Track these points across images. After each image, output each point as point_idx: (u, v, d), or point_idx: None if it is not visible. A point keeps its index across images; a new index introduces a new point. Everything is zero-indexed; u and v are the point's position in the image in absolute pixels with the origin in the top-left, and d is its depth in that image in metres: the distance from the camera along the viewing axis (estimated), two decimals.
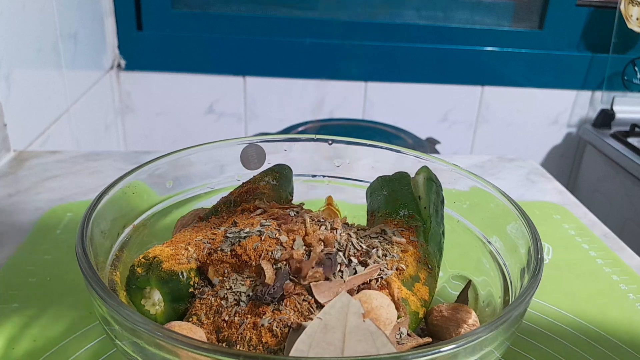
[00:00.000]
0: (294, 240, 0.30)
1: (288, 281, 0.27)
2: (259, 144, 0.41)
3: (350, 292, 0.27)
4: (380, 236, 0.33)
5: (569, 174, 1.43)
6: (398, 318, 0.28)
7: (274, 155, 0.41)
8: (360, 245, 0.31)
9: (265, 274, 0.28)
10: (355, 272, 0.29)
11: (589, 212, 0.58)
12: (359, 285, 0.28)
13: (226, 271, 0.29)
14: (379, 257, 0.30)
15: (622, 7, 1.22)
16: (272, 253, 0.29)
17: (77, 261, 0.26)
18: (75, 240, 0.27)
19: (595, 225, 0.55)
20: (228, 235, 0.31)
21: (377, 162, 0.41)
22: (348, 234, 0.32)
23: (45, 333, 0.36)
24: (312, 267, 0.28)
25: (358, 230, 0.33)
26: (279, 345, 0.25)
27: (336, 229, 0.31)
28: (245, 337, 0.26)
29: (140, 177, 0.35)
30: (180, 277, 0.29)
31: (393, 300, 0.28)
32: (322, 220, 0.33)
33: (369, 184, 0.41)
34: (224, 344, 0.26)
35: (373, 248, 0.31)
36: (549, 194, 0.62)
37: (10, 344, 0.35)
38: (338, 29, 1.25)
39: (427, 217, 0.36)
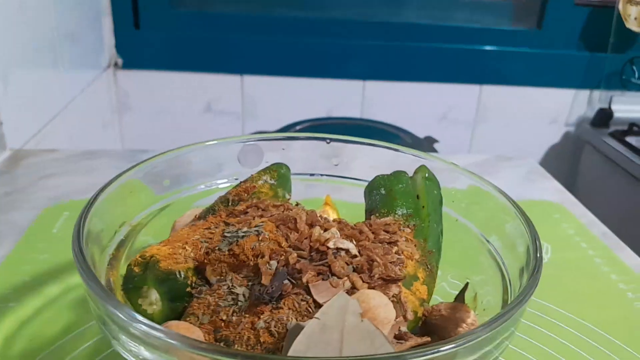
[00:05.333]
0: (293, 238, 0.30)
1: (286, 281, 0.27)
2: (256, 142, 0.40)
3: (349, 291, 0.27)
4: (381, 234, 0.33)
5: (568, 173, 1.43)
6: (397, 318, 0.27)
7: (272, 154, 0.41)
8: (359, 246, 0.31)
9: (262, 274, 0.27)
10: (354, 271, 0.29)
11: (588, 211, 0.58)
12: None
13: (224, 271, 0.29)
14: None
15: (620, 6, 1.22)
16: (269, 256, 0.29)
17: (73, 260, 0.26)
18: (71, 239, 0.27)
19: (594, 224, 0.55)
20: (226, 234, 0.31)
21: (376, 161, 0.41)
22: (347, 234, 0.31)
23: (42, 332, 0.35)
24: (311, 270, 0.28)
25: (356, 229, 0.33)
26: (277, 345, 0.25)
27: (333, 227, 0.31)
28: (243, 336, 0.26)
29: (138, 176, 0.35)
30: (178, 276, 0.29)
31: (399, 300, 0.28)
32: (320, 218, 0.32)
33: (367, 183, 0.41)
34: (221, 344, 0.26)
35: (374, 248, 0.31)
36: (548, 193, 0.62)
37: (7, 343, 0.34)
38: (336, 27, 1.25)
39: (426, 216, 0.36)
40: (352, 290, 0.27)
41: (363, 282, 0.28)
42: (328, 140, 0.41)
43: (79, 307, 0.38)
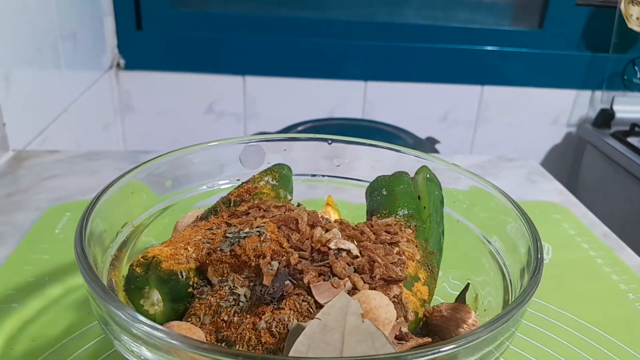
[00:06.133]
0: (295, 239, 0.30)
1: (287, 282, 0.27)
2: (258, 143, 0.40)
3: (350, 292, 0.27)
4: (382, 235, 0.33)
5: (569, 173, 1.43)
6: (398, 318, 0.27)
7: (274, 155, 0.41)
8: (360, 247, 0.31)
9: (264, 275, 0.28)
10: (355, 271, 0.29)
11: (589, 211, 0.58)
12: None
13: (225, 271, 0.29)
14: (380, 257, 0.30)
15: (622, 6, 1.22)
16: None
17: (75, 261, 0.26)
18: (74, 240, 0.27)
19: (595, 225, 0.55)
20: (227, 235, 0.31)
21: (377, 161, 0.41)
22: (348, 235, 0.32)
23: (44, 333, 0.35)
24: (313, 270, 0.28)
25: (357, 229, 0.33)
26: (278, 346, 0.25)
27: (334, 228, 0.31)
28: (245, 337, 0.26)
29: (140, 177, 0.35)
30: (180, 277, 0.29)
31: (400, 300, 0.28)
32: (321, 219, 0.33)
33: (368, 184, 0.41)
34: (223, 344, 0.26)
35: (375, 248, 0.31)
36: (549, 194, 0.62)
37: (9, 343, 0.34)
38: (338, 28, 1.25)
39: (427, 217, 0.36)
40: (353, 290, 0.28)
41: (364, 282, 0.28)
42: (330, 141, 0.41)
43: (81, 307, 0.38)
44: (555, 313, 0.41)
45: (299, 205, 0.37)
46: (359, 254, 0.30)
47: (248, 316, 0.26)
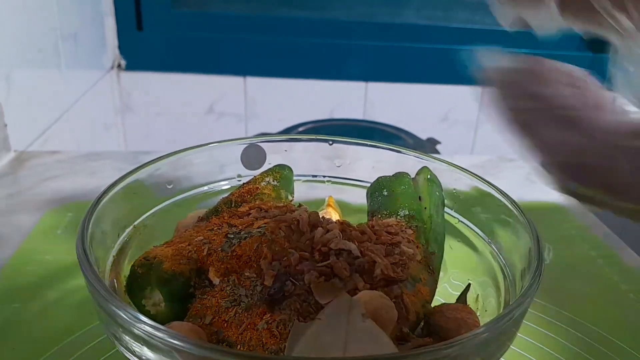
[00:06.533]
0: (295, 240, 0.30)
1: (288, 282, 0.27)
2: (259, 144, 0.41)
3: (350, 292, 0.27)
4: (383, 235, 0.33)
5: None
6: (398, 318, 0.28)
7: (275, 156, 0.41)
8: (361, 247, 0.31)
9: (265, 275, 0.28)
10: (356, 272, 0.29)
11: (589, 212, 0.58)
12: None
13: (227, 271, 0.29)
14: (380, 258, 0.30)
15: None
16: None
17: (77, 261, 0.26)
18: (75, 240, 0.27)
19: (596, 225, 0.55)
20: (229, 235, 0.31)
21: (378, 162, 0.41)
22: (349, 236, 0.32)
23: (46, 333, 0.35)
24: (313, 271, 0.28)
25: (358, 230, 0.33)
26: (279, 346, 0.25)
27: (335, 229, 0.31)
28: (246, 337, 0.26)
29: (141, 178, 0.35)
30: (181, 277, 0.29)
31: (401, 301, 0.28)
32: (322, 220, 0.33)
33: (369, 185, 0.41)
34: (224, 345, 0.26)
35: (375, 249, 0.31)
36: (550, 194, 0.62)
37: (10, 344, 0.35)
38: (338, 28, 1.25)
39: (428, 218, 0.36)
40: (354, 291, 0.28)
41: (365, 283, 0.28)
42: (330, 142, 0.41)
43: (83, 308, 0.38)
44: (555, 313, 0.41)
45: (300, 205, 0.37)
46: (359, 255, 0.30)
47: (249, 316, 0.26)
